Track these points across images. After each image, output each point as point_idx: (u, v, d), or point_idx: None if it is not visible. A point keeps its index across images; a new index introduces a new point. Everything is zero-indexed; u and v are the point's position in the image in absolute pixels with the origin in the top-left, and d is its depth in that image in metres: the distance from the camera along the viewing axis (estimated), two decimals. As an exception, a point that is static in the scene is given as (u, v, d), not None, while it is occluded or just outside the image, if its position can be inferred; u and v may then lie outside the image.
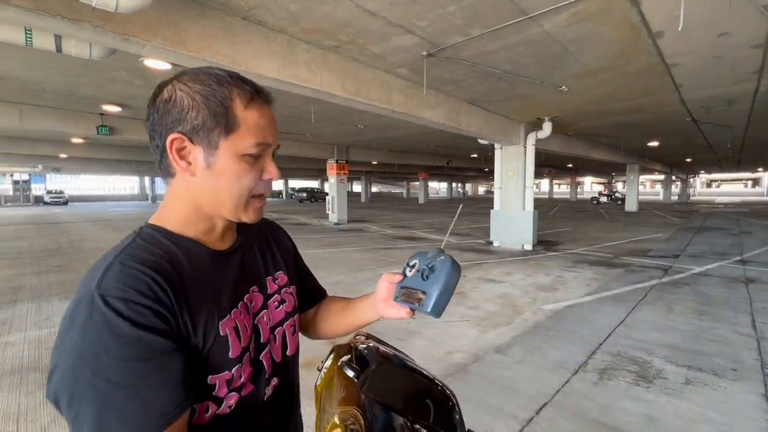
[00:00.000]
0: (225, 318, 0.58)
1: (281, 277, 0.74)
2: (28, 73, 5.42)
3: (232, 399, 0.59)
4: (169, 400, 0.49)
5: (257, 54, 3.61)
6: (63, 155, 15.52)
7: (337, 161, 13.70)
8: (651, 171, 25.04)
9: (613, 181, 40.11)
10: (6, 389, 2.60)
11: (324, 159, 14.15)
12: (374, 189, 58.97)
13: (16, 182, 28.39)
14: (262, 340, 0.65)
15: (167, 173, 0.60)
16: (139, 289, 0.49)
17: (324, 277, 5.72)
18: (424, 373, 0.62)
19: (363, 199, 35.56)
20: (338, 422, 0.46)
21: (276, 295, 0.71)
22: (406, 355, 0.74)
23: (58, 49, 3.24)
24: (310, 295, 0.86)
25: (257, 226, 0.75)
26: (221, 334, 0.57)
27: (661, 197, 33.25)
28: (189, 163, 0.58)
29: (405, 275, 0.68)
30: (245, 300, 0.64)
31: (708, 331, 3.60)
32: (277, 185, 50.50)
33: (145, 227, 0.60)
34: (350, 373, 0.55)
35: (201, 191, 0.59)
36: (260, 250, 0.73)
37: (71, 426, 0.47)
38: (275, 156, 0.64)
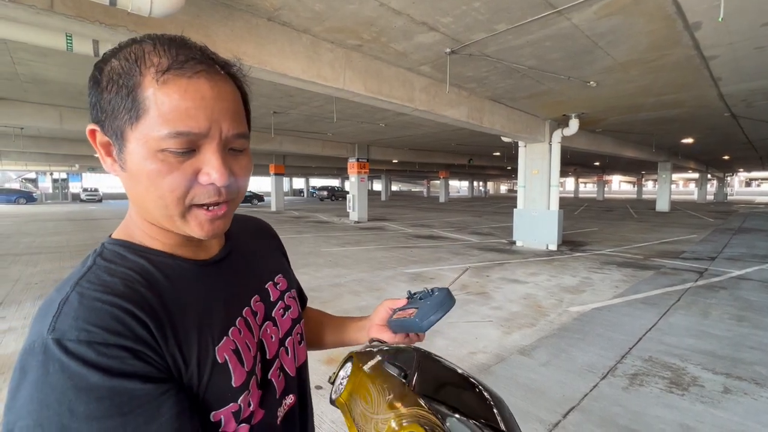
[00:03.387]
0: (221, 341, 0.48)
1: (281, 281, 0.65)
2: (68, 77, 5.71)
3: (243, 431, 0.50)
4: None
5: (282, 54, 3.67)
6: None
7: (357, 160, 13.77)
8: (684, 169, 23.95)
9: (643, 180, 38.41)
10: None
11: (345, 158, 14.28)
12: (394, 187, 59.01)
13: (55, 181, 30.01)
14: (268, 357, 0.56)
15: None
16: (108, 327, 0.39)
17: (346, 275, 5.77)
18: (466, 374, 0.55)
19: (383, 198, 35.62)
20: (407, 424, 0.39)
21: (279, 301, 0.62)
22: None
23: (96, 54, 3.39)
24: (300, 301, 0.76)
25: (240, 226, 0.66)
26: (219, 361, 0.47)
27: (695, 197, 31.76)
28: (114, 161, 0.46)
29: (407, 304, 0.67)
30: (244, 315, 0.54)
31: (748, 337, 3.41)
32: (299, 183, 51.14)
33: (107, 243, 0.49)
34: (393, 371, 0.48)
35: (130, 197, 0.48)
36: (253, 253, 0.63)
37: None
38: (234, 150, 0.48)
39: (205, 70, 0.44)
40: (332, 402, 0.56)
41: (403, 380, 0.46)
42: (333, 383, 0.60)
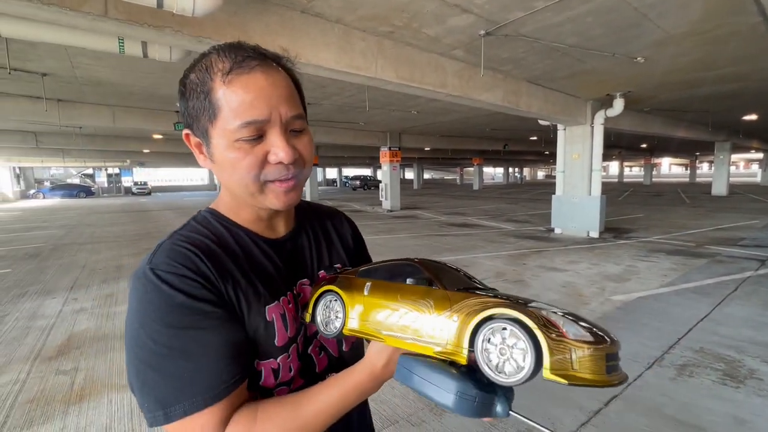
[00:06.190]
0: (272, 304, 0.57)
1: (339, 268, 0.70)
2: (119, 78, 6.12)
3: (283, 393, 0.58)
4: (229, 368, 0.49)
5: (315, 46, 3.73)
6: (146, 150, 17.39)
7: (389, 148, 13.75)
8: (746, 149, 21.94)
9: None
10: (119, 350, 3.05)
11: (377, 147, 14.29)
12: (426, 176, 58.41)
13: (109, 176, 32.36)
14: (308, 333, 0.64)
15: None
16: (187, 265, 0.51)
17: (380, 263, 5.85)
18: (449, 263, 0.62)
19: (415, 186, 35.41)
20: (478, 312, 0.44)
21: None
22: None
23: (145, 55, 3.62)
24: None
25: (317, 214, 0.74)
26: (268, 319, 0.56)
27: (758, 179, 29.04)
28: (205, 156, 0.57)
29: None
30: (295, 291, 0.63)
31: (816, 330, 3.15)
32: (332, 173, 51.86)
33: (202, 211, 0.63)
34: (413, 283, 0.53)
35: (221, 181, 0.60)
36: (316, 241, 0.70)
37: (139, 394, 0.48)
38: (295, 131, 0.56)
39: (259, 64, 0.52)
40: (339, 334, 0.56)
41: (429, 286, 0.51)
42: (314, 321, 0.60)
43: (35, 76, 5.77)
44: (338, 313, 0.57)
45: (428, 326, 0.48)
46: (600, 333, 0.42)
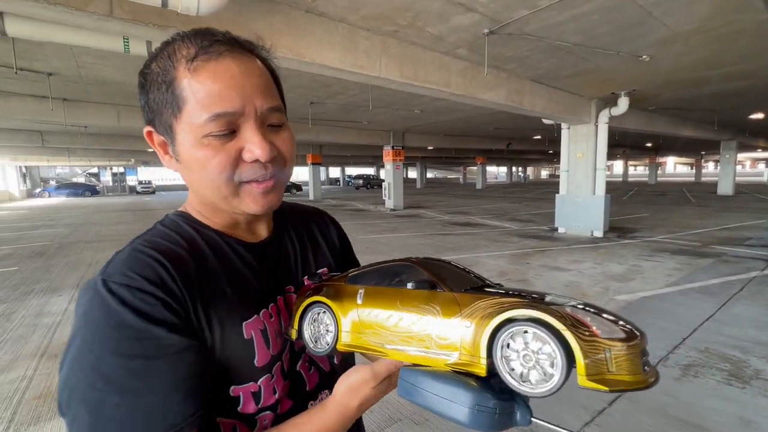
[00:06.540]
0: (251, 319, 0.50)
1: (325, 276, 0.65)
2: (124, 78, 6.16)
3: (267, 419, 0.51)
4: (178, 409, 0.41)
5: (319, 45, 3.73)
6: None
7: (393, 147, 13.74)
8: (752, 148, 21.74)
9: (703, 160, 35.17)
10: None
11: (380, 146, 14.28)
12: (430, 175, 58.34)
13: (114, 174, 32.56)
14: (296, 348, 0.57)
15: None
16: (146, 276, 0.43)
17: (383, 262, 5.86)
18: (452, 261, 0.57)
19: (419, 185, 35.37)
20: (492, 316, 0.38)
21: None
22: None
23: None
24: None
25: (299, 215, 0.68)
26: (245, 337, 0.49)
27: (764, 178, 28.79)
28: (171, 156, 0.50)
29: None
30: (278, 302, 0.55)
31: (823, 331, 3.12)
32: (335, 173, 51.76)
33: (170, 214, 0.55)
34: (414, 287, 0.46)
35: (188, 184, 0.52)
36: (301, 245, 0.64)
37: (68, 429, 0.40)
38: (273, 125, 0.49)
39: (229, 50, 0.46)
40: (332, 350, 0.50)
41: (432, 289, 0.46)
42: (302, 337, 0.53)
43: (41, 75, 5.82)
44: (329, 326, 0.51)
45: (436, 335, 0.42)
46: (628, 326, 0.37)
